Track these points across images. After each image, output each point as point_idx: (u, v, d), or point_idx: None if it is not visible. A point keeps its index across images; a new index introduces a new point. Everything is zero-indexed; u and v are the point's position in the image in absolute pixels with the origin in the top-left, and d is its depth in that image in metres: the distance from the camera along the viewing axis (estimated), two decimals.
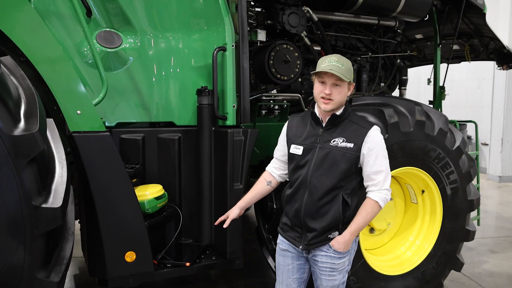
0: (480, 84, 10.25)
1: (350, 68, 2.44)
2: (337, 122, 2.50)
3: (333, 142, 2.46)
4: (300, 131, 2.59)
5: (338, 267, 2.52)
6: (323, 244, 2.51)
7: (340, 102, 2.46)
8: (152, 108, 3.38)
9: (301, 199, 2.51)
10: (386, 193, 2.48)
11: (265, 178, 2.79)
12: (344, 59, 2.45)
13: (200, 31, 3.40)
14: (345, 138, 2.46)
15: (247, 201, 2.78)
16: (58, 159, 2.46)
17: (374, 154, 2.44)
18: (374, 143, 2.45)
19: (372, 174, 2.46)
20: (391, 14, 4.36)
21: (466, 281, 4.60)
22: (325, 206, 2.46)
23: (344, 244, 2.47)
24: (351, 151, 2.44)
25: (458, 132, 3.83)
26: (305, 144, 2.53)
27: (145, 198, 3.05)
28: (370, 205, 2.47)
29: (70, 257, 2.52)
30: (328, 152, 2.46)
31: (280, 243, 2.69)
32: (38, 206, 2.13)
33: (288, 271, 2.66)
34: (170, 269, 3.14)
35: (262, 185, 2.78)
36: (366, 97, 3.96)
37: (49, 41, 2.67)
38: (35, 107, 2.29)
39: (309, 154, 2.50)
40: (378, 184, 2.47)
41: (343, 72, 2.38)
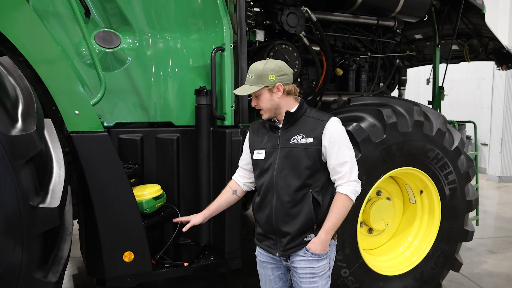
0: (480, 84, 10.24)
1: (259, 74, 2.38)
2: (293, 120, 2.45)
3: (293, 140, 2.41)
4: (261, 136, 2.55)
5: (318, 271, 2.44)
6: (300, 248, 2.43)
7: (271, 108, 2.44)
8: (150, 108, 3.38)
9: (270, 204, 2.45)
10: (355, 184, 2.41)
11: (231, 187, 2.74)
12: (255, 67, 2.42)
13: (198, 31, 3.40)
14: (304, 134, 2.40)
15: (212, 210, 2.73)
16: (56, 159, 2.47)
17: (336, 146, 2.37)
18: (334, 134, 2.38)
19: (337, 166, 2.38)
20: (390, 14, 4.35)
21: (465, 281, 4.61)
22: (296, 207, 2.40)
23: (321, 245, 2.39)
24: (312, 146, 2.37)
25: (456, 133, 3.83)
26: (266, 148, 2.49)
27: (143, 198, 3.06)
28: (340, 199, 2.39)
29: (68, 257, 2.52)
30: (289, 151, 2.41)
31: (259, 255, 2.65)
32: (35, 206, 2.14)
33: (270, 281, 2.62)
34: (168, 269, 3.14)
35: (227, 194, 2.74)
36: (365, 97, 3.96)
37: (47, 41, 2.67)
38: (32, 107, 2.29)
39: (272, 157, 2.45)
40: (344, 177, 2.38)
41: (251, 83, 2.40)
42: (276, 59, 3.78)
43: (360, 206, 3.37)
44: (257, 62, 2.48)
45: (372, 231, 3.76)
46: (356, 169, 2.44)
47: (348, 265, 3.36)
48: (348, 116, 3.47)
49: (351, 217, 3.31)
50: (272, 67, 2.40)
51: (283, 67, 2.45)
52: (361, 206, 3.37)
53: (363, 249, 3.48)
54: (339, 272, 3.32)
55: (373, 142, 3.28)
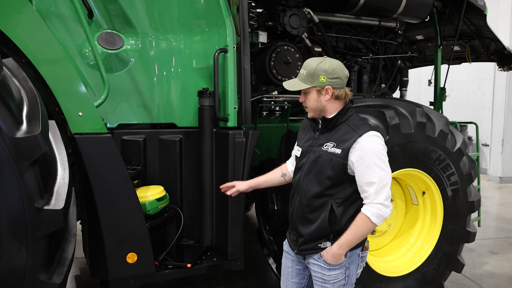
0: (481, 85, 10.25)
1: (311, 72, 2.31)
2: (331, 126, 2.38)
3: (325, 147, 2.36)
4: (305, 133, 2.55)
5: (329, 279, 2.40)
6: (315, 252, 2.42)
7: (316, 108, 2.38)
8: (153, 109, 3.38)
9: (295, 202, 2.48)
10: (379, 207, 2.24)
11: (282, 169, 2.78)
12: (309, 62, 2.36)
13: (201, 33, 3.41)
14: (335, 142, 2.33)
15: (258, 182, 2.79)
16: (60, 161, 2.47)
17: (365, 163, 2.23)
18: (365, 151, 2.24)
19: (363, 185, 2.27)
20: (392, 15, 4.36)
21: (467, 282, 4.61)
22: (313, 213, 2.38)
23: (332, 257, 2.34)
24: (338, 158, 2.29)
25: (458, 134, 3.83)
26: (303, 147, 2.50)
27: (146, 200, 3.05)
28: (360, 219, 2.28)
29: (72, 258, 2.53)
30: (318, 156, 2.37)
31: (285, 244, 2.68)
32: (40, 208, 2.14)
33: (288, 273, 2.64)
34: (171, 270, 3.14)
35: (277, 174, 2.77)
36: (367, 99, 3.96)
37: (51, 42, 2.67)
38: (37, 109, 2.29)
39: (305, 158, 2.45)
40: (369, 197, 2.26)
41: (302, 79, 2.34)
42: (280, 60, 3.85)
43: None
44: (313, 58, 2.40)
45: (374, 232, 3.76)
46: (385, 192, 2.26)
47: None
48: None
49: None
50: (325, 67, 2.31)
51: (337, 69, 2.34)
52: None
53: None
54: None
55: None
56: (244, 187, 2.76)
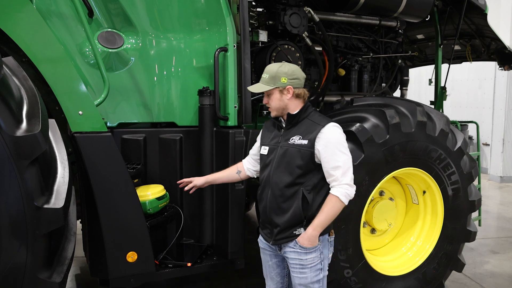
0: (481, 84, 10.24)
1: (273, 75, 2.56)
2: (295, 122, 2.61)
3: (291, 140, 2.58)
4: (270, 133, 2.74)
5: (307, 263, 2.57)
6: (290, 240, 2.59)
7: (278, 108, 2.61)
8: (153, 108, 3.38)
9: (266, 197, 2.64)
10: (347, 188, 2.50)
11: (237, 167, 2.97)
12: (270, 67, 2.60)
13: (201, 32, 3.40)
14: (301, 135, 2.56)
15: (214, 178, 2.97)
16: (60, 159, 2.47)
17: (330, 150, 2.49)
18: (329, 139, 2.50)
19: (330, 169, 2.50)
20: (393, 15, 4.36)
21: (467, 281, 4.60)
22: (286, 202, 2.56)
23: (307, 240, 2.52)
24: (306, 148, 2.52)
25: (459, 133, 3.82)
26: (270, 145, 2.68)
27: (146, 199, 3.06)
28: (330, 200, 2.51)
29: (72, 257, 2.53)
30: (286, 150, 2.57)
31: (259, 241, 2.84)
32: (40, 207, 2.14)
33: (269, 266, 2.81)
34: (171, 269, 3.15)
35: (232, 171, 2.96)
36: (368, 98, 3.96)
37: (51, 41, 2.67)
38: (37, 108, 2.29)
39: (273, 154, 2.64)
40: (337, 179, 2.49)
41: (264, 82, 2.58)
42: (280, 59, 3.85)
43: (363, 207, 3.36)
44: (273, 64, 2.67)
45: (375, 231, 3.76)
46: (350, 174, 2.53)
47: (351, 266, 3.36)
48: (351, 117, 3.47)
49: (354, 218, 3.32)
50: (285, 70, 2.57)
51: (296, 71, 2.60)
52: (364, 207, 3.37)
53: (366, 250, 3.48)
54: (342, 272, 3.33)
55: (376, 143, 3.28)
56: (200, 182, 2.93)
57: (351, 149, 3.19)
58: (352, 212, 3.28)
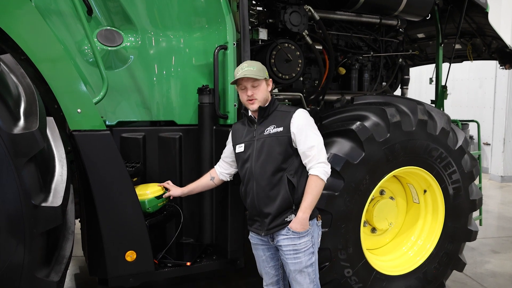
0: (482, 83, 10.22)
1: (261, 68, 2.74)
2: (267, 114, 2.76)
3: (266, 131, 2.72)
4: (241, 132, 2.86)
5: (300, 247, 2.68)
6: (282, 227, 2.69)
7: (264, 98, 2.76)
8: (153, 107, 3.37)
9: (252, 190, 2.73)
10: (324, 165, 2.65)
11: (211, 174, 3.09)
12: (254, 62, 2.78)
13: (201, 30, 3.39)
14: (275, 124, 2.72)
15: (190, 189, 3.10)
16: (58, 157, 2.45)
17: (304, 132, 2.66)
18: (301, 122, 2.68)
19: (306, 150, 2.65)
20: (393, 13, 4.34)
21: (468, 281, 4.59)
22: (273, 189, 2.67)
23: (299, 223, 2.64)
24: (282, 134, 2.68)
25: (460, 132, 3.81)
26: (245, 141, 2.80)
27: (145, 197, 3.04)
28: (312, 180, 2.64)
29: (70, 256, 2.51)
30: (264, 141, 2.71)
31: (251, 238, 2.91)
32: (37, 205, 2.12)
33: (263, 261, 2.90)
34: (170, 269, 3.13)
35: (206, 179, 3.08)
36: (368, 96, 3.95)
37: (50, 39, 2.66)
38: (35, 106, 2.28)
39: (250, 148, 2.76)
40: (313, 159, 2.64)
41: (256, 73, 2.69)
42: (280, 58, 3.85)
43: (364, 206, 3.35)
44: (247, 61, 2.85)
45: (375, 230, 3.74)
46: (324, 152, 2.70)
47: (351, 265, 3.34)
48: (352, 115, 3.46)
49: (354, 217, 3.30)
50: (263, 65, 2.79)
51: None
52: (364, 206, 3.35)
53: (366, 249, 3.47)
54: (343, 271, 3.31)
55: (376, 141, 3.26)
56: (177, 193, 3.10)
57: (351, 147, 3.20)
58: (352, 211, 3.27)
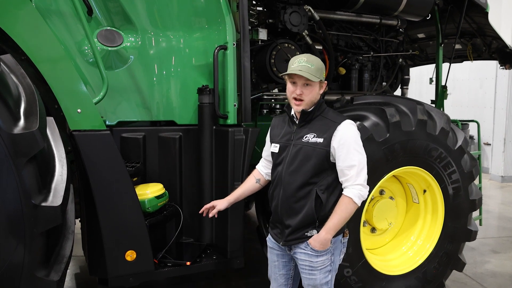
0: (483, 83, 10.21)
1: (319, 67, 2.46)
2: (309, 119, 2.52)
3: (305, 138, 2.50)
4: (279, 130, 2.66)
5: (317, 265, 2.52)
6: (301, 241, 2.53)
7: (312, 101, 2.50)
8: (153, 107, 3.37)
9: (278, 196, 2.57)
10: (360, 188, 2.43)
11: (255, 176, 2.88)
12: (314, 58, 2.48)
13: (201, 30, 3.39)
14: (316, 133, 2.48)
15: (236, 197, 2.85)
16: (58, 157, 2.46)
17: (345, 148, 2.42)
18: (345, 137, 2.43)
19: (344, 169, 2.43)
20: (393, 13, 4.34)
21: (468, 281, 4.59)
22: (298, 202, 2.48)
23: (319, 243, 2.46)
24: (321, 146, 2.44)
25: (460, 132, 3.81)
26: (281, 142, 2.60)
27: (145, 197, 3.05)
28: (344, 202, 2.44)
29: (70, 255, 2.52)
30: (300, 148, 2.49)
31: (268, 240, 2.77)
32: (38, 205, 2.13)
33: (275, 267, 2.74)
34: (170, 268, 3.13)
35: (251, 182, 2.87)
36: (368, 96, 3.95)
37: (50, 39, 2.66)
38: (35, 106, 2.28)
39: (285, 152, 2.56)
40: (350, 179, 2.43)
41: (313, 72, 2.42)
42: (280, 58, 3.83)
43: (363, 206, 3.35)
44: (308, 54, 2.54)
45: (375, 230, 3.74)
46: (364, 174, 2.46)
47: (351, 265, 3.35)
48: (351, 115, 3.45)
49: (354, 216, 3.27)
50: (321, 64, 2.50)
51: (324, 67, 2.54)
52: (364, 206, 3.36)
53: (366, 249, 3.47)
54: (342, 271, 3.31)
55: (376, 141, 3.26)
56: (223, 206, 2.81)
57: None
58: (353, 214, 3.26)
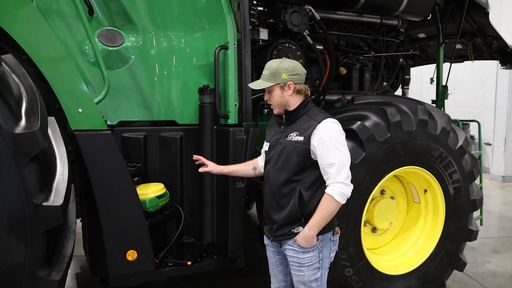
0: (483, 83, 10.21)
1: (274, 71, 2.53)
2: (294, 118, 2.59)
3: (289, 137, 2.56)
4: (271, 130, 2.76)
5: (304, 262, 2.56)
6: (289, 238, 2.58)
7: (280, 104, 2.59)
8: (154, 106, 3.37)
9: (266, 193, 2.66)
10: (341, 186, 2.43)
11: (253, 163, 2.97)
12: (273, 63, 2.58)
13: (202, 30, 3.39)
14: (298, 132, 2.54)
15: (230, 170, 2.98)
16: (59, 157, 2.46)
17: (325, 147, 2.43)
18: (324, 135, 2.45)
19: (325, 166, 2.46)
20: (394, 13, 4.34)
21: (469, 281, 4.59)
22: (283, 199, 2.55)
23: (304, 239, 2.50)
24: (301, 144, 2.49)
25: (461, 132, 3.81)
26: (271, 141, 2.70)
27: (146, 197, 3.05)
28: (325, 199, 2.46)
29: (71, 255, 2.52)
30: (284, 147, 2.57)
31: (265, 238, 2.83)
32: (39, 204, 2.13)
33: (273, 264, 2.82)
34: (171, 268, 3.14)
35: (248, 166, 2.96)
36: (369, 96, 3.95)
37: (51, 39, 2.67)
38: (36, 105, 2.29)
39: (273, 151, 2.65)
40: (331, 177, 2.45)
41: (265, 79, 2.55)
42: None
43: (364, 205, 3.35)
44: (273, 60, 2.66)
45: (375, 230, 3.74)
46: (345, 172, 2.46)
47: (351, 264, 3.35)
48: (352, 115, 3.46)
49: (355, 216, 3.31)
50: (286, 66, 2.55)
51: (297, 67, 2.58)
52: (365, 205, 3.36)
53: (366, 248, 3.47)
54: (343, 271, 3.32)
55: (377, 141, 3.26)
56: (215, 171, 2.97)
57: (351, 147, 3.19)
58: (352, 211, 3.27)
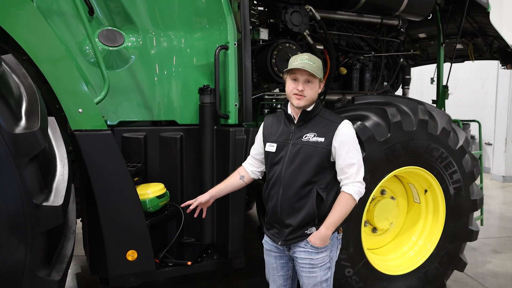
0: (484, 83, 10.20)
1: (320, 66, 2.53)
2: (308, 118, 2.57)
3: (305, 138, 2.53)
4: (275, 129, 2.67)
5: (317, 262, 2.55)
6: (301, 240, 2.55)
7: (312, 98, 2.54)
8: (154, 106, 3.37)
9: (277, 196, 2.57)
10: (359, 185, 2.51)
11: (239, 172, 2.87)
12: (315, 57, 2.54)
13: (202, 30, 3.40)
14: (316, 133, 2.52)
15: (218, 190, 2.86)
16: (59, 157, 2.46)
17: (345, 147, 2.48)
18: (345, 137, 2.49)
19: (345, 167, 2.49)
20: (394, 13, 4.34)
21: (469, 281, 4.58)
22: (300, 201, 2.51)
23: (320, 239, 2.49)
24: (322, 145, 2.49)
25: (461, 132, 3.80)
26: (278, 142, 2.61)
27: (146, 197, 3.05)
28: (344, 198, 2.49)
29: (71, 255, 2.52)
30: (300, 148, 2.52)
31: (265, 243, 2.76)
32: (39, 205, 2.13)
33: (273, 269, 2.75)
34: (171, 268, 3.14)
35: (235, 178, 2.86)
36: (369, 96, 3.95)
37: (51, 39, 2.67)
38: (36, 105, 2.28)
39: (283, 151, 2.57)
40: (351, 177, 2.49)
41: (314, 70, 2.48)
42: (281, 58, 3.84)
43: (364, 205, 3.35)
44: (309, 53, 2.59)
45: (376, 230, 3.74)
46: (362, 171, 2.54)
47: (352, 265, 3.34)
48: (353, 115, 3.46)
49: (355, 216, 3.30)
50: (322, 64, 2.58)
51: None
52: (365, 205, 3.36)
53: (367, 249, 3.47)
54: (343, 271, 3.31)
55: (377, 141, 3.26)
56: (205, 198, 2.83)
57: None
58: (353, 211, 3.24)
